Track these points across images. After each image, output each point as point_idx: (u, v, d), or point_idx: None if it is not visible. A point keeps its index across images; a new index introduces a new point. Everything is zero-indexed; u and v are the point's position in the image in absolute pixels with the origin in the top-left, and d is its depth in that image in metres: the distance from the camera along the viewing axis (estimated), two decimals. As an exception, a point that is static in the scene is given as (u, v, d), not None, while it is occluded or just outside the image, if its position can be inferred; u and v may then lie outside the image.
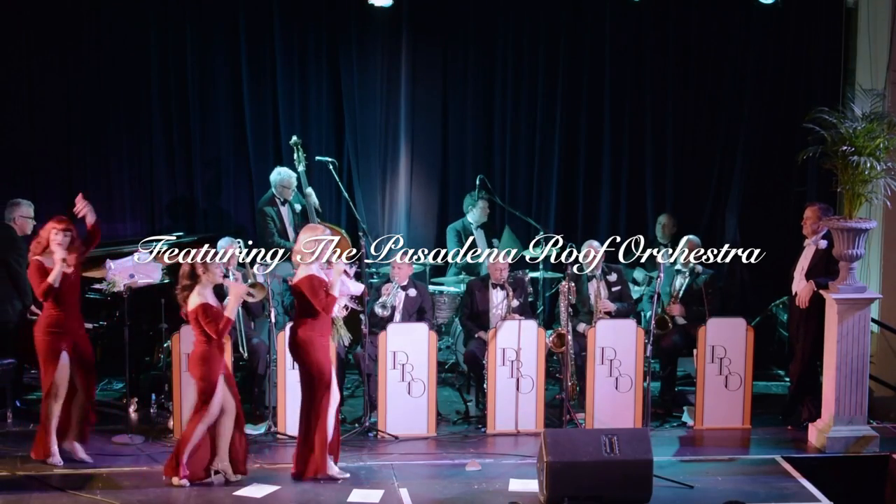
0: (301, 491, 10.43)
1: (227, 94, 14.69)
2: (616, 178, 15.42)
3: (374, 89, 14.97)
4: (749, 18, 15.01)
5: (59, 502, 10.08)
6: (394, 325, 12.08)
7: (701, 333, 12.34)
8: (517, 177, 15.33)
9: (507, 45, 15.11)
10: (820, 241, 12.26)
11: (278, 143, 14.67)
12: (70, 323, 10.94)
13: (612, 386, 12.19)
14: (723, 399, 12.36)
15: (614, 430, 10.33)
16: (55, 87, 14.18)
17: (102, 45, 14.19)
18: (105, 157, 14.52)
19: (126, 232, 14.47)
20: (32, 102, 14.17)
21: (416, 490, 10.46)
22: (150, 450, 11.44)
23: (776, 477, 11.02)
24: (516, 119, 15.24)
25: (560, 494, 9.96)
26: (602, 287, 12.88)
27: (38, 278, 10.81)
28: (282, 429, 11.85)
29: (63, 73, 14.18)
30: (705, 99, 15.31)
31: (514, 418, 12.15)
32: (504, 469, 11.01)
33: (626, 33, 15.11)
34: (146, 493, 10.28)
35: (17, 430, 12.11)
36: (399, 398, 11.84)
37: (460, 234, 14.15)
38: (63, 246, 10.83)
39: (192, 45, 14.50)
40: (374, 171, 15.04)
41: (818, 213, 12.27)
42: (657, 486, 10.20)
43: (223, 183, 14.87)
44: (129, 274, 11.79)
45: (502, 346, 12.12)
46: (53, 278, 10.75)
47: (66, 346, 10.92)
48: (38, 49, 14.10)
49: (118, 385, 13.44)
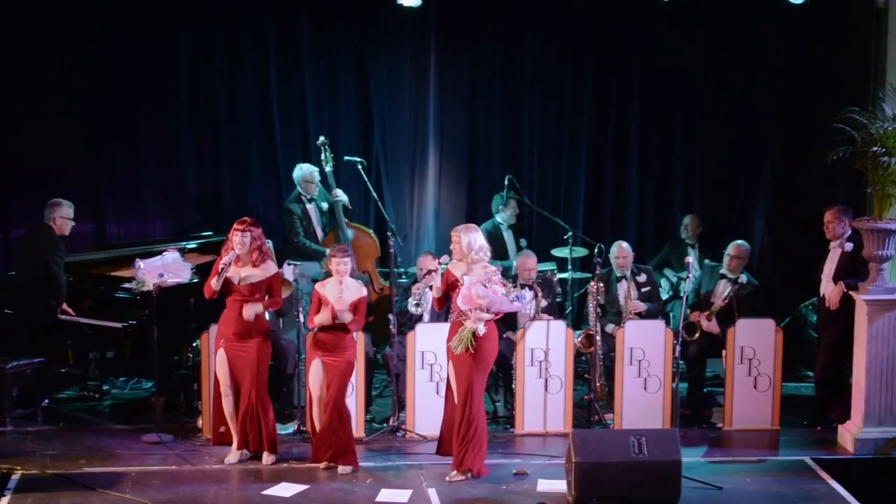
0: (329, 490, 10.45)
1: (256, 94, 14.71)
2: (644, 178, 15.40)
3: (402, 89, 14.98)
4: (777, 18, 14.97)
5: (88, 501, 10.10)
6: (422, 325, 12.08)
7: (730, 334, 12.31)
8: (545, 177, 15.31)
9: (535, 46, 15.09)
10: (846, 243, 12.21)
11: (307, 142, 14.67)
12: (228, 324, 11.01)
13: (640, 386, 12.17)
14: (752, 400, 12.33)
15: (643, 431, 10.32)
16: (85, 89, 14.21)
17: (133, 45, 14.20)
18: (135, 157, 14.57)
19: (155, 231, 14.54)
20: (63, 104, 14.21)
21: (444, 490, 10.47)
22: (178, 448, 11.47)
23: (805, 478, 10.98)
24: (544, 119, 15.23)
25: (588, 495, 9.94)
26: (631, 288, 12.86)
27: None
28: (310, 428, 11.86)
29: (93, 75, 14.21)
30: (733, 99, 15.27)
31: (542, 418, 12.15)
32: (532, 469, 11.00)
33: (653, 33, 15.07)
34: (175, 491, 10.31)
35: (47, 428, 12.16)
36: (427, 398, 11.84)
37: (490, 235, 14.13)
38: (240, 247, 10.91)
39: (222, 45, 14.52)
40: (402, 171, 15.05)
41: (838, 214, 12.24)
42: (686, 486, 10.17)
43: (251, 183, 14.91)
44: (159, 273, 11.79)
45: (531, 347, 12.12)
46: (216, 282, 10.88)
47: (223, 345, 10.98)
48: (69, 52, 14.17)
49: (147, 384, 13.49)
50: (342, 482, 10.64)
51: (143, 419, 12.24)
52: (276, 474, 10.78)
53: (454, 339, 10.61)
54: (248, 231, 10.89)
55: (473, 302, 10.43)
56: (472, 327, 10.49)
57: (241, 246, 10.87)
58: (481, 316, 10.50)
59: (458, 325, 10.61)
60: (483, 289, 10.42)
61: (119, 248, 13.61)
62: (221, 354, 10.99)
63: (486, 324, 10.57)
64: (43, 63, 14.12)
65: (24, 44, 14.02)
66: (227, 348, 10.96)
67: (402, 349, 12.06)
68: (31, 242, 12.70)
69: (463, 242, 10.73)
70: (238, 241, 10.88)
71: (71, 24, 14.08)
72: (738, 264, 12.85)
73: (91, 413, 12.89)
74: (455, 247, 10.80)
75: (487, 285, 10.44)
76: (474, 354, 10.54)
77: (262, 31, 14.56)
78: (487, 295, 10.42)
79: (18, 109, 14.07)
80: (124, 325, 12.60)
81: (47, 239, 12.52)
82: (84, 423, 12.48)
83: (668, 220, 15.34)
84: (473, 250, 10.71)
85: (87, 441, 11.76)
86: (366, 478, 10.77)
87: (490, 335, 10.64)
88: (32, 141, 14.08)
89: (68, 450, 11.43)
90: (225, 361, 10.98)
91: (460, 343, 10.55)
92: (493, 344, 10.74)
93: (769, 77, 15.16)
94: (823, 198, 14.52)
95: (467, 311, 10.52)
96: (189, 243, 13.32)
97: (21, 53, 14.03)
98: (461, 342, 10.53)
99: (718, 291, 12.90)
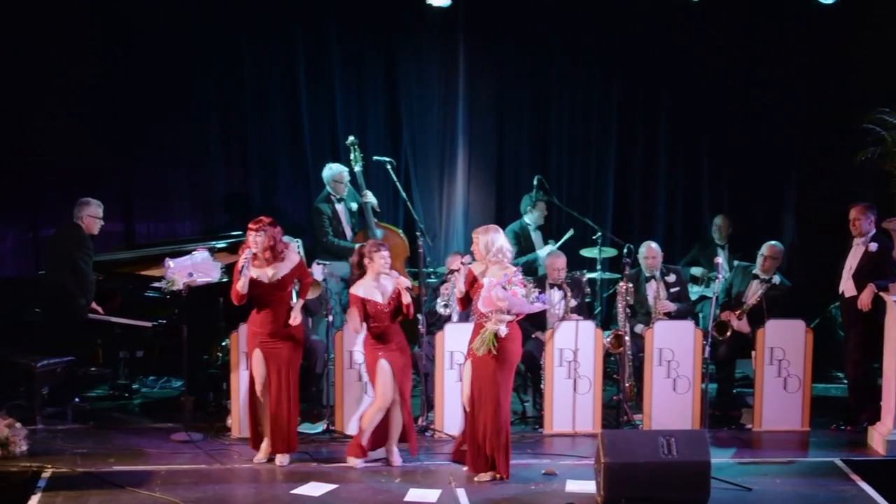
0: (358, 490, 10.45)
1: (285, 95, 14.75)
2: (672, 178, 15.40)
3: (431, 89, 15.01)
4: (807, 18, 14.93)
5: (118, 499, 10.11)
6: (451, 325, 12.08)
7: (760, 335, 12.28)
8: (574, 177, 15.33)
9: (563, 45, 15.10)
10: (870, 243, 12.18)
11: (335, 143, 14.71)
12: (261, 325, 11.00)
13: (669, 387, 12.15)
14: (781, 401, 12.29)
15: (672, 432, 10.28)
16: (116, 90, 14.25)
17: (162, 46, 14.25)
18: (164, 157, 14.63)
19: (185, 231, 14.59)
20: (94, 105, 14.25)
21: (472, 490, 10.45)
22: (208, 447, 11.49)
23: (835, 480, 10.93)
24: (573, 119, 15.24)
25: (617, 495, 9.92)
26: (661, 288, 12.84)
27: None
28: (339, 427, 11.89)
29: (123, 76, 14.26)
30: (762, 99, 15.24)
31: (571, 419, 12.14)
32: (561, 470, 10.97)
33: (681, 33, 15.06)
34: (204, 490, 10.32)
35: (77, 427, 12.21)
36: (456, 398, 11.78)
37: (518, 236, 14.12)
38: (255, 247, 10.92)
39: (251, 46, 14.58)
40: (431, 170, 15.08)
41: (864, 211, 12.23)
42: (715, 487, 10.14)
43: (280, 182, 14.95)
44: (188, 273, 11.81)
45: (560, 347, 12.11)
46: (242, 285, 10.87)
47: (257, 346, 10.98)
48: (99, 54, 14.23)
49: (176, 383, 13.54)
50: (371, 482, 10.64)
51: (173, 418, 12.27)
52: (304, 473, 10.79)
53: (476, 341, 10.59)
54: (261, 231, 10.89)
55: (493, 304, 10.41)
56: (493, 329, 10.47)
57: (256, 245, 10.89)
58: (502, 317, 10.48)
59: (480, 327, 10.60)
60: (503, 291, 10.39)
61: (149, 248, 13.65)
62: (258, 354, 10.98)
63: (508, 324, 10.55)
64: (73, 64, 14.19)
65: (55, 45, 14.09)
66: (262, 348, 10.96)
67: (431, 349, 12.07)
68: (59, 241, 12.74)
69: (481, 243, 10.71)
70: (252, 241, 10.90)
71: (101, 26, 14.14)
72: (771, 265, 12.82)
73: (121, 412, 12.96)
74: (475, 248, 10.80)
75: (507, 287, 10.41)
76: (497, 356, 10.52)
77: (291, 31, 14.60)
78: (507, 297, 10.39)
79: (49, 109, 14.11)
80: (154, 325, 12.63)
81: (76, 238, 12.57)
82: (114, 421, 12.54)
83: (697, 220, 15.33)
84: (492, 251, 10.68)
85: (117, 440, 11.80)
86: (394, 477, 10.77)
87: (513, 335, 10.61)
88: (63, 141, 14.11)
89: (98, 448, 11.46)
90: (262, 361, 10.97)
91: (482, 345, 10.53)
92: (517, 344, 10.72)
93: (798, 77, 15.13)
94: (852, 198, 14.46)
95: (487, 313, 10.51)
96: (218, 243, 13.34)
97: (51, 54, 14.09)
98: (483, 344, 10.51)
99: (751, 291, 12.87)
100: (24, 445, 11.05)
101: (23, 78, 13.98)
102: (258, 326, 10.98)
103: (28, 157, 14.12)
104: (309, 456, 11.21)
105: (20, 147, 14.07)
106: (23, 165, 14.14)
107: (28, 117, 14.06)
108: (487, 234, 10.74)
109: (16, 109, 14.02)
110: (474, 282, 10.68)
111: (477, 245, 10.74)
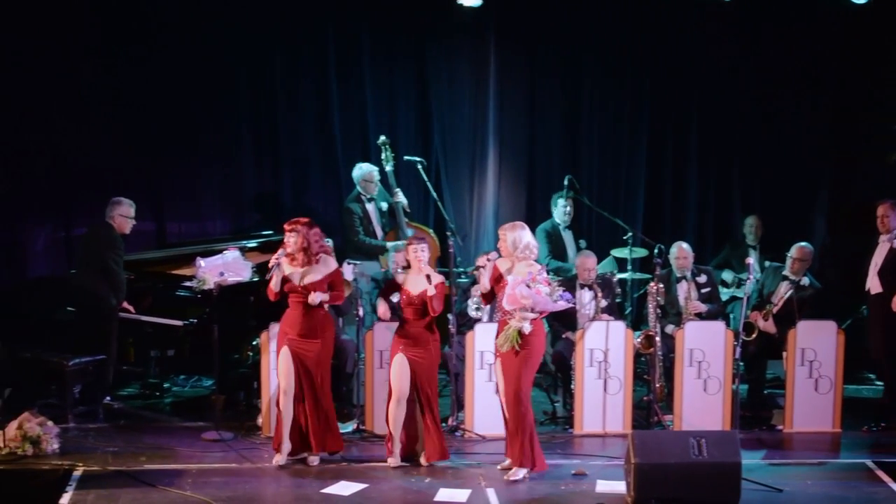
0: (388, 489, 10.45)
1: (316, 94, 14.79)
2: (704, 178, 15.38)
3: (461, 89, 15.04)
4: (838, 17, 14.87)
5: (149, 497, 10.12)
6: (482, 325, 12.08)
7: (791, 336, 12.25)
8: (604, 177, 15.32)
9: (594, 45, 15.10)
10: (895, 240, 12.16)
11: (366, 142, 14.73)
12: (297, 324, 10.97)
13: (700, 388, 12.12)
14: (813, 402, 12.26)
15: (702, 433, 10.23)
16: (147, 90, 14.32)
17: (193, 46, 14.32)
18: (195, 157, 14.70)
19: (216, 230, 14.63)
20: (125, 105, 14.32)
21: (502, 490, 10.44)
22: (238, 446, 11.51)
23: (867, 482, 10.88)
24: (604, 119, 15.24)
25: (647, 496, 9.89)
26: (692, 288, 12.81)
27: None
28: (369, 427, 11.91)
29: (155, 77, 14.32)
30: (794, 99, 15.19)
31: (601, 419, 12.13)
32: (591, 470, 10.95)
33: (713, 33, 15.03)
34: (234, 488, 10.33)
35: (108, 425, 12.26)
36: (487, 398, 11.82)
37: (550, 235, 14.10)
38: (289, 246, 10.94)
39: (282, 45, 14.62)
40: (462, 171, 15.09)
41: (892, 207, 12.25)
42: (745, 489, 10.09)
43: (311, 182, 14.98)
44: (219, 272, 11.84)
45: (590, 347, 12.10)
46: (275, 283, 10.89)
47: (287, 345, 10.93)
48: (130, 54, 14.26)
49: (207, 382, 13.59)
50: (401, 481, 10.65)
51: (204, 417, 12.31)
52: (334, 473, 10.79)
53: (500, 338, 10.61)
54: (294, 231, 10.90)
55: (518, 302, 10.41)
56: (517, 326, 10.49)
57: (290, 245, 10.91)
58: (526, 315, 10.50)
59: (504, 324, 10.62)
60: (527, 289, 10.40)
61: (180, 247, 13.70)
62: (286, 353, 10.95)
63: (532, 322, 10.57)
64: (105, 65, 14.26)
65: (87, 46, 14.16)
66: (291, 347, 10.96)
67: (462, 349, 12.06)
68: (91, 241, 12.80)
69: (508, 240, 10.72)
70: (286, 241, 10.93)
71: (132, 27, 14.18)
72: (800, 266, 12.78)
73: (152, 410, 13.02)
74: (501, 244, 10.81)
75: (531, 285, 10.42)
76: (520, 352, 10.54)
77: (322, 30, 14.64)
78: (531, 295, 10.39)
79: (81, 110, 14.18)
80: (185, 324, 12.68)
81: (107, 237, 12.62)
82: (145, 420, 12.59)
83: (728, 221, 15.29)
84: (518, 248, 10.69)
85: (148, 438, 11.83)
86: (425, 477, 10.77)
87: (537, 331, 10.62)
88: (96, 141, 14.19)
89: (129, 447, 11.49)
90: (289, 360, 10.94)
91: (506, 342, 10.55)
92: (541, 340, 10.73)
93: (829, 77, 15.07)
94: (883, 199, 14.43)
95: (511, 310, 10.52)
96: (249, 242, 13.38)
97: (83, 55, 14.17)
98: (507, 340, 10.53)
99: (780, 293, 12.83)
100: (55, 444, 11.09)
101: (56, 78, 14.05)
102: (289, 326, 10.97)
103: (61, 157, 14.21)
104: (339, 455, 11.22)
105: (54, 147, 14.14)
106: (56, 165, 14.23)
107: (61, 117, 14.12)
108: (514, 231, 10.75)
109: (49, 109, 14.08)
110: (500, 279, 10.69)
111: (504, 241, 10.75)
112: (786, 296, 12.70)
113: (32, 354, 12.54)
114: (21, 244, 14.31)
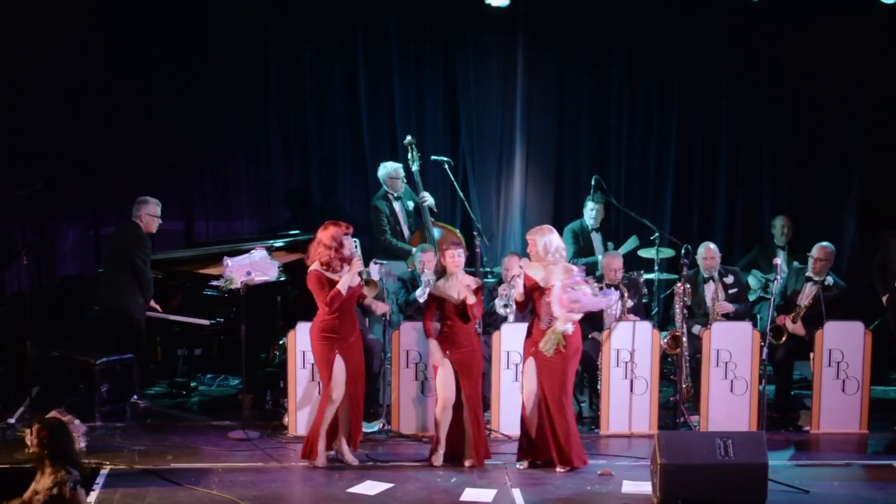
0: (414, 489, 10.45)
1: (344, 94, 14.81)
2: (732, 178, 15.32)
3: (489, 89, 15.03)
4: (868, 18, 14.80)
5: (175, 496, 10.16)
6: (507, 325, 12.07)
7: (818, 337, 12.21)
8: (632, 178, 15.29)
9: (622, 46, 15.07)
10: None
11: (394, 142, 14.75)
12: (344, 329, 10.92)
13: (727, 388, 12.09)
14: (840, 403, 12.21)
15: (729, 433, 10.22)
16: (176, 90, 14.40)
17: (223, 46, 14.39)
18: (223, 157, 14.75)
19: (244, 229, 14.67)
20: (154, 105, 14.38)
21: (528, 490, 10.44)
22: (265, 446, 11.53)
23: (894, 483, 10.83)
24: (632, 119, 15.20)
25: (673, 497, 9.88)
26: (719, 289, 12.79)
27: (319, 287, 10.82)
28: (395, 427, 11.92)
29: (184, 76, 14.41)
30: (824, 99, 15.14)
31: (627, 420, 12.11)
32: (617, 471, 10.95)
33: (742, 33, 14.99)
34: (261, 488, 10.36)
35: (135, 424, 12.31)
36: (513, 398, 11.80)
37: (577, 235, 14.09)
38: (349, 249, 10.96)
39: (311, 45, 14.63)
40: (489, 170, 15.08)
41: None
42: (772, 490, 10.07)
43: (339, 182, 15.00)
44: (246, 271, 11.86)
45: (616, 347, 12.08)
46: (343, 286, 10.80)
47: (339, 351, 10.87)
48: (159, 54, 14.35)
49: (234, 381, 13.62)
50: (427, 481, 10.65)
51: (230, 416, 12.34)
52: (361, 472, 10.81)
53: (543, 343, 10.63)
54: None
55: (568, 306, 10.47)
56: (562, 329, 10.54)
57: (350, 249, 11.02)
58: (571, 317, 10.53)
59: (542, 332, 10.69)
60: (574, 292, 10.45)
61: (207, 246, 13.74)
62: (340, 363, 10.86)
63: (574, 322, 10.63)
64: (134, 64, 14.30)
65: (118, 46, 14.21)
66: (343, 354, 10.91)
67: (487, 349, 12.06)
68: (118, 240, 12.85)
69: (539, 245, 10.73)
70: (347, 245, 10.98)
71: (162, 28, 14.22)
72: (822, 266, 12.74)
73: (179, 409, 13.04)
74: (532, 250, 10.81)
75: (576, 288, 10.46)
76: (564, 353, 10.62)
77: (351, 30, 14.65)
78: (578, 297, 10.46)
79: (110, 109, 14.25)
80: (212, 323, 12.72)
81: (133, 236, 12.67)
82: (171, 419, 12.62)
83: (757, 221, 15.24)
84: (550, 252, 10.71)
85: (175, 437, 11.86)
86: (450, 477, 10.78)
87: (575, 330, 10.75)
88: (125, 140, 14.27)
89: (156, 445, 11.53)
90: (344, 369, 10.91)
91: (552, 346, 10.57)
92: (578, 337, 10.84)
93: (860, 78, 15.01)
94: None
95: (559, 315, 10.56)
96: (276, 241, 13.43)
97: (112, 55, 14.21)
98: (553, 344, 10.56)
99: (804, 294, 12.79)
100: (82, 442, 11.09)
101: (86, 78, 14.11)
102: (335, 333, 10.86)
103: (90, 157, 14.27)
104: (366, 455, 11.23)
105: (83, 146, 14.21)
106: (85, 164, 14.29)
107: (90, 116, 14.18)
108: (544, 236, 10.76)
109: (78, 108, 14.14)
110: (535, 287, 10.71)
111: (534, 247, 10.75)
112: (811, 296, 12.66)
113: (61, 353, 12.61)
114: (50, 243, 14.36)
